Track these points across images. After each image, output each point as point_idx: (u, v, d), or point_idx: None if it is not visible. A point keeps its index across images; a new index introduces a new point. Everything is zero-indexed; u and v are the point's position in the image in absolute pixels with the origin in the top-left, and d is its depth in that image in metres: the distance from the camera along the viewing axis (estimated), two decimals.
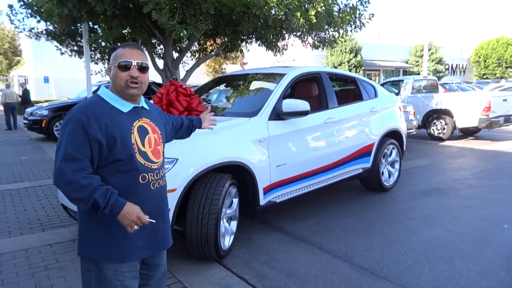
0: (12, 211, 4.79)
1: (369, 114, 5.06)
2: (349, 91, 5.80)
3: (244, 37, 10.23)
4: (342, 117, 4.60)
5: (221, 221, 3.34)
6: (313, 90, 4.92)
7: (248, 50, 12.25)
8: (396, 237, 3.84)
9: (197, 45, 11.61)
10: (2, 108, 14.61)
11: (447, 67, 35.14)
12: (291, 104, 3.87)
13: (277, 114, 3.89)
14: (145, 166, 1.81)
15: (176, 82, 4.08)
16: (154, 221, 1.75)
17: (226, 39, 10.25)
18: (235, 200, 3.58)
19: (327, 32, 9.87)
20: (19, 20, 9.31)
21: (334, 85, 5.94)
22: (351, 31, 9.83)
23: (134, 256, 1.81)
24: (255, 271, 3.19)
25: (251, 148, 3.59)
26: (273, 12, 7.77)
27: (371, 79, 30.05)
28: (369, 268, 3.22)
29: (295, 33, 9.13)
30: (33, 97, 19.90)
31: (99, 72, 10.67)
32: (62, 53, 10.70)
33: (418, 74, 28.88)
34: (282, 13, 7.87)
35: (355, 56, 26.91)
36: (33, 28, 9.69)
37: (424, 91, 11.55)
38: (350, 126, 4.75)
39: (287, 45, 11.06)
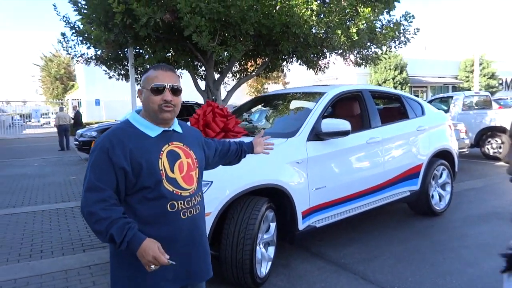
0: (57, 231, 4.91)
1: (416, 133, 4.76)
2: (393, 109, 5.53)
3: (285, 57, 10.22)
4: (386, 136, 4.35)
5: (258, 247, 3.20)
6: (354, 108, 4.72)
7: (289, 69, 12.24)
8: (449, 268, 3.50)
9: (238, 66, 11.74)
10: (56, 130, 15.43)
11: (500, 82, 33.28)
12: (330, 124, 3.70)
13: (316, 135, 3.73)
14: (173, 194, 1.70)
15: (213, 103, 4.06)
16: (174, 263, 1.61)
17: (266, 59, 10.29)
18: (273, 225, 3.43)
19: (369, 49, 9.65)
20: (70, 47, 9.82)
21: (378, 103, 5.70)
22: (395, 47, 9.54)
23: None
24: None
25: (289, 170, 3.45)
26: (313, 30, 7.68)
27: (417, 96, 29.05)
28: None
29: (336, 51, 8.98)
30: (84, 119, 20.95)
31: None
32: (110, 77, 11.17)
33: (469, 90, 27.54)
34: (323, 31, 7.77)
35: (400, 72, 26.15)
36: (83, 54, 10.18)
37: (476, 107, 10.90)
38: (395, 146, 4.48)
39: (328, 63, 10.92)
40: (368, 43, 8.94)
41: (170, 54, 9.87)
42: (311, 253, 3.94)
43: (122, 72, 11.01)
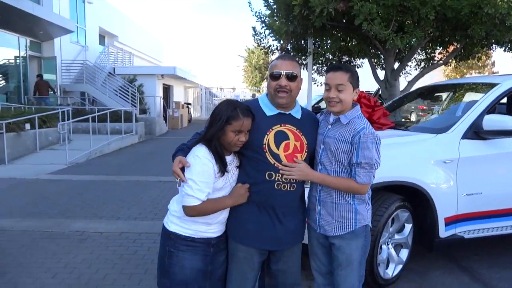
0: None
1: None
2: None
3: (483, 42, 8.81)
4: None
5: (384, 246, 3.03)
6: None
7: (490, 57, 10.54)
8: None
9: (424, 54, 10.76)
10: None
11: None
12: (495, 121, 3.13)
13: (476, 132, 3.21)
14: (273, 166, 1.94)
15: (361, 92, 3.94)
16: (180, 180, 1.87)
17: (458, 46, 9.11)
18: (408, 226, 3.17)
19: None
20: (260, 39, 10.85)
21: None
22: None
23: (243, 240, 1.97)
24: None
25: (432, 170, 3.10)
26: None
27: None
28: None
29: None
30: None
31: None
32: None
33: None
34: None
35: None
36: (270, 46, 11.09)
37: None
38: None
39: None
40: None
41: (351, 43, 9.81)
42: (459, 266, 3.46)
43: (305, 62, 11.54)
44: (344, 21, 8.07)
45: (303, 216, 2.13)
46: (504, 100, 4.50)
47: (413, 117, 12.68)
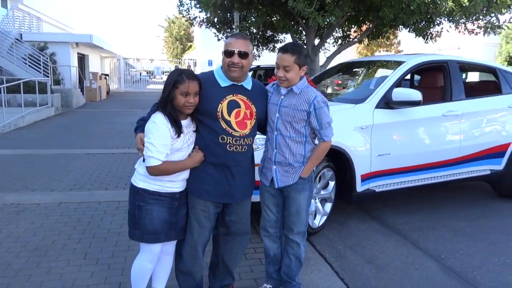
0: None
1: (507, 110, 4.44)
2: (486, 83, 5.14)
3: (392, 23, 9.76)
4: (467, 111, 4.17)
5: (312, 200, 3.51)
6: (438, 80, 4.55)
7: (396, 36, 11.67)
8: (510, 250, 3.40)
9: (341, 32, 11.57)
10: None
11: None
12: (401, 93, 3.74)
13: (387, 103, 3.80)
14: (225, 131, 2.21)
15: None
16: (139, 153, 2.18)
17: (370, 26, 9.99)
18: (331, 183, 3.69)
19: (488, 16, 8.71)
20: (185, 10, 10.74)
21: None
22: None
23: (201, 195, 2.25)
24: (336, 252, 3.30)
25: (351, 134, 3.63)
26: None
27: None
28: (460, 273, 2.99)
29: (444, 18, 8.35)
30: None
31: None
32: (218, 39, 11.95)
33: None
34: None
35: None
36: (196, 17, 11.05)
37: None
38: (478, 122, 4.28)
39: (440, 31, 10.15)
40: (484, 10, 8.10)
41: (275, 18, 10.19)
42: (371, 216, 4.13)
43: (230, 34, 11.73)
44: None
45: (252, 174, 2.46)
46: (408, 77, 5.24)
47: (329, 90, 13.69)
